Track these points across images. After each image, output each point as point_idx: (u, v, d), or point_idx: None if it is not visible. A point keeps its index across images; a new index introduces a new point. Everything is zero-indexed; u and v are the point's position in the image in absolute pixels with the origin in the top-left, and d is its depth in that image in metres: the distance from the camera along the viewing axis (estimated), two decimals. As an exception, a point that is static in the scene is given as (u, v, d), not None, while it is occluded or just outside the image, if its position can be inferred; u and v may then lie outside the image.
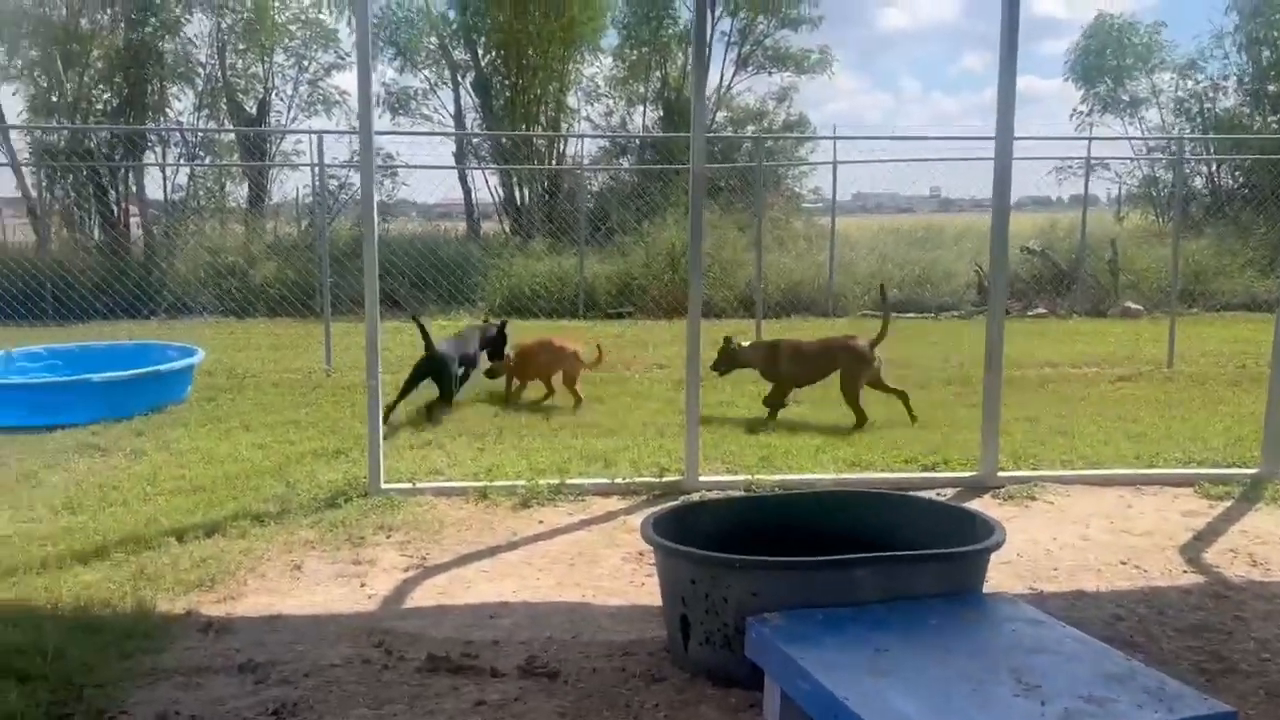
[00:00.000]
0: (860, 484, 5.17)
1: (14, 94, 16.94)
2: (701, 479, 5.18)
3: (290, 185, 18.98)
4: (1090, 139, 18.74)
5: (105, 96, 16.35)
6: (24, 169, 15.64)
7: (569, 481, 5.22)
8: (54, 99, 16.30)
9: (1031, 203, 20.56)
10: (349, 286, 12.17)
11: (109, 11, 16.35)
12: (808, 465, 5.64)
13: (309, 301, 12.26)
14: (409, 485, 5.18)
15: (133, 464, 5.65)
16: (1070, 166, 18.32)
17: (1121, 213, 18.93)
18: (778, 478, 5.29)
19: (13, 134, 16.02)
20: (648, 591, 3.79)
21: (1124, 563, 4.15)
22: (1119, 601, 3.72)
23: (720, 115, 20.21)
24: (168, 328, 12.45)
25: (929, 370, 8.80)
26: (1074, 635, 2.69)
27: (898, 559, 3.05)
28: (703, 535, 3.30)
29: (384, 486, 5.09)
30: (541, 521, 4.74)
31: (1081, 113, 20.66)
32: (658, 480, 5.25)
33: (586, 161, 19.40)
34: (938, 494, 5.05)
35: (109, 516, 4.64)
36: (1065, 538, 4.45)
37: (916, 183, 18.45)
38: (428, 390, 6.92)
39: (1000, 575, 3.87)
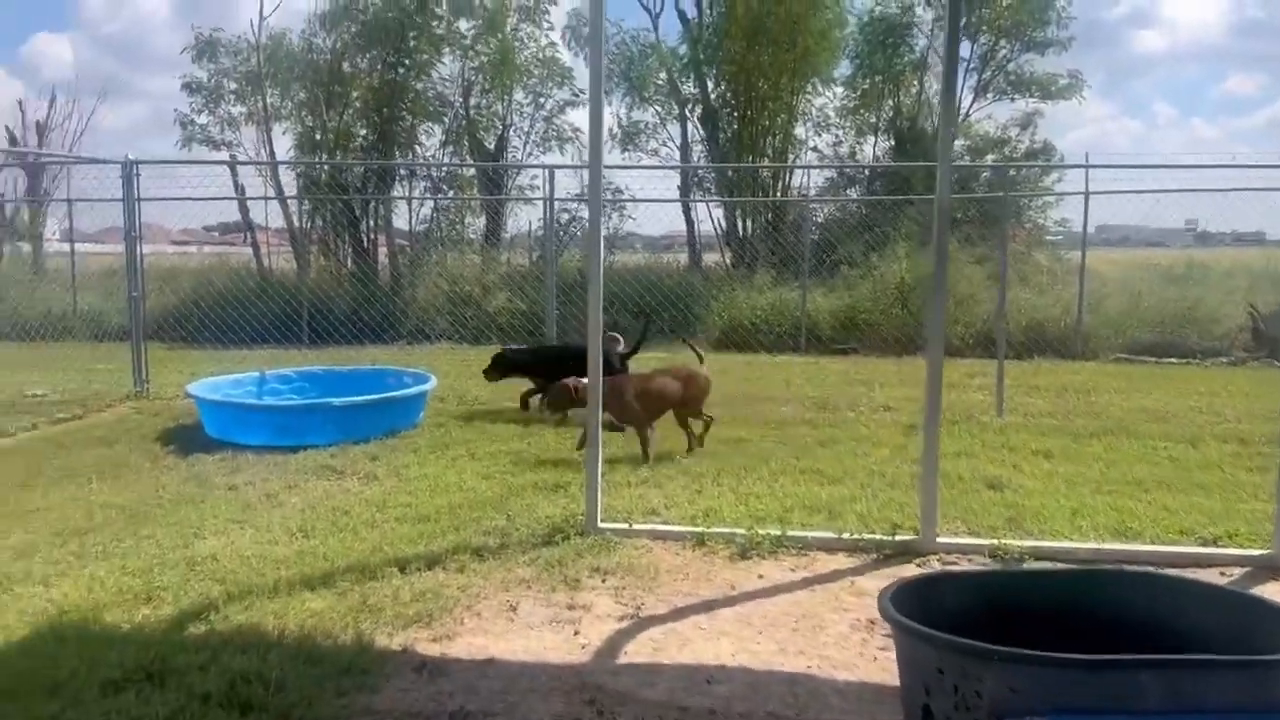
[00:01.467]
0: (1125, 556, 4.54)
1: (284, 133, 18.66)
2: (940, 540, 4.71)
3: (524, 219, 19.65)
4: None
5: (362, 133, 17.59)
6: (289, 201, 17.09)
7: (791, 533, 4.89)
8: (318, 137, 17.75)
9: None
10: (575, 316, 12.40)
11: (369, 55, 17.64)
12: (1063, 530, 5.03)
13: (538, 330, 12.57)
14: (625, 525, 5.03)
15: (365, 488, 5.83)
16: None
17: None
18: (1028, 544, 4.73)
19: (281, 169, 17.55)
20: (881, 667, 3.41)
21: None
22: None
23: (957, 143, 19.26)
24: (407, 353, 13.14)
25: (1198, 424, 7.82)
26: None
27: (1193, 664, 2.53)
28: (947, 613, 2.89)
29: (601, 525, 4.96)
30: (761, 576, 4.44)
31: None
32: (889, 539, 4.82)
33: (813, 192, 18.99)
34: (1221, 574, 4.36)
35: (338, 542, 4.76)
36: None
37: (1170, 215, 16.79)
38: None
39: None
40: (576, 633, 3.76)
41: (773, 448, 6.97)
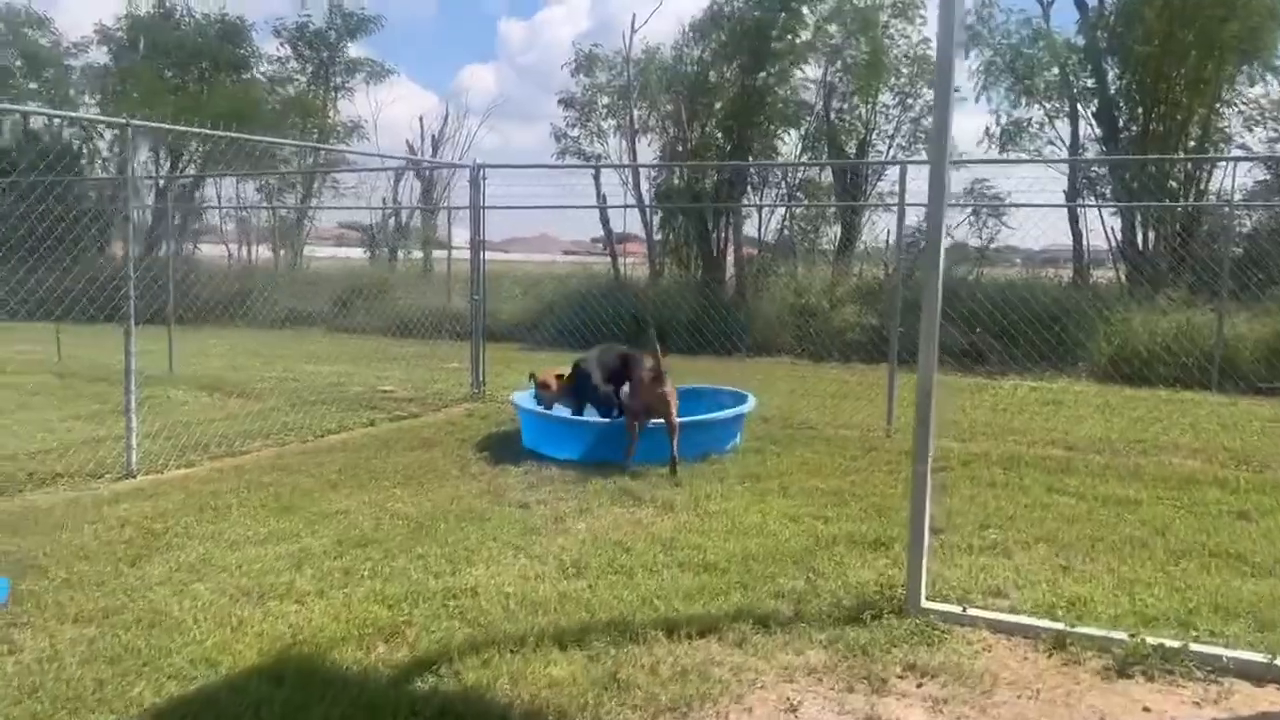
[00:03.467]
0: None
1: (649, 145, 18.96)
2: None
3: (881, 227, 18.44)
4: None
5: (719, 142, 17.34)
6: (647, 210, 17.27)
7: (1196, 646, 3.53)
8: (679, 148, 17.77)
9: None
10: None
11: (733, 64, 17.37)
12: None
13: (884, 348, 11.42)
14: (958, 609, 3.92)
15: (657, 519, 5.18)
16: None
17: None
18: None
19: (641, 179, 17.80)
20: None
21: None
22: None
23: None
24: (743, 366, 12.54)
25: None
26: None
27: None
28: None
29: (925, 605, 3.90)
30: (1147, 710, 3.17)
31: None
32: (1358, 679, 3.30)
33: (1237, 198, 15.88)
34: None
35: (608, 587, 4.11)
36: None
37: None
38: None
39: None
40: (868, 765, 2.78)
41: (1172, 516, 5.39)
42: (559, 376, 7.17)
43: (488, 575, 4.25)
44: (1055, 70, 17.42)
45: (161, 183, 21.68)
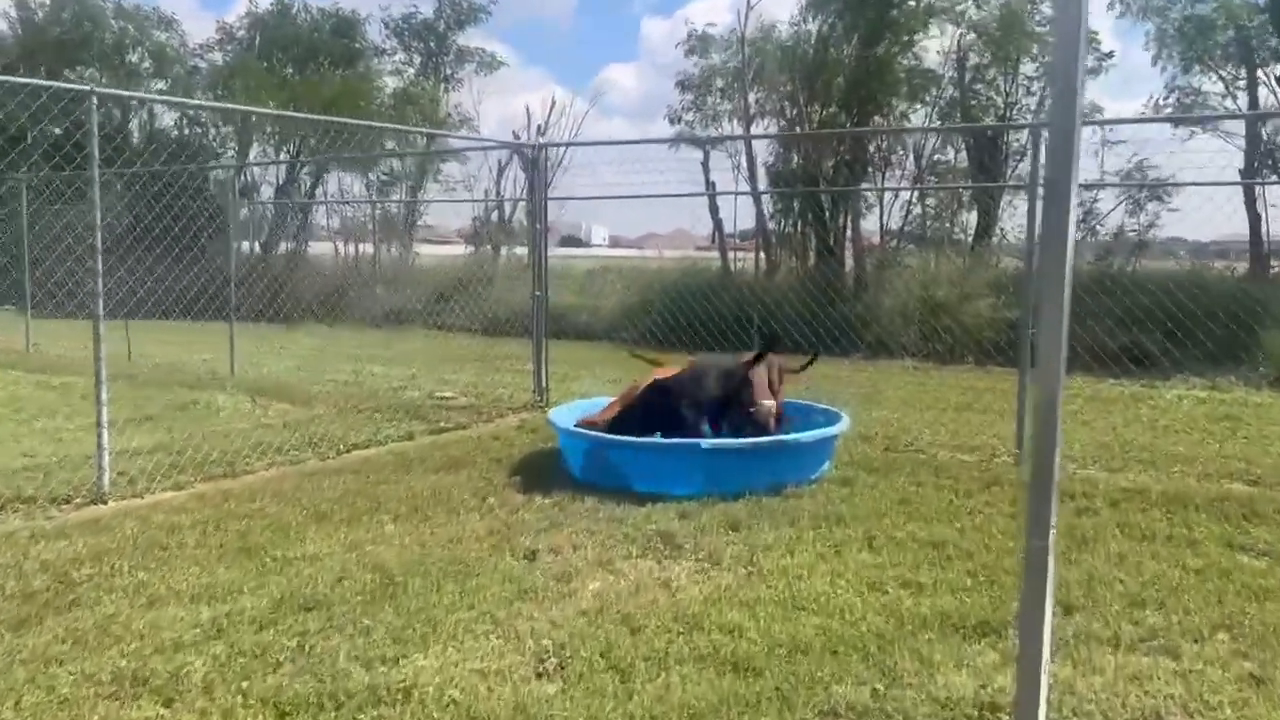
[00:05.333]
0: None
1: (765, 128, 17.62)
2: None
3: (1024, 212, 16.55)
4: None
5: (840, 119, 15.86)
6: (762, 197, 15.97)
7: None
8: (797, 129, 16.39)
9: None
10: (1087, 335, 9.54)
11: (853, 39, 15.87)
12: None
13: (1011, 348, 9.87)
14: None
15: (693, 583, 3.99)
16: None
17: None
18: None
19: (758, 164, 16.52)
20: None
21: None
22: None
23: None
24: (858, 370, 11.15)
25: None
26: None
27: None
28: None
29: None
30: None
31: None
32: None
33: None
34: None
35: (587, 694, 2.97)
36: None
37: None
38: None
39: None
40: None
41: None
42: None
43: (437, 666, 3.18)
44: (1231, 32, 15.18)
45: (278, 180, 21.81)
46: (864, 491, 5.37)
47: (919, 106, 15.69)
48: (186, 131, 21.91)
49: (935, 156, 15.91)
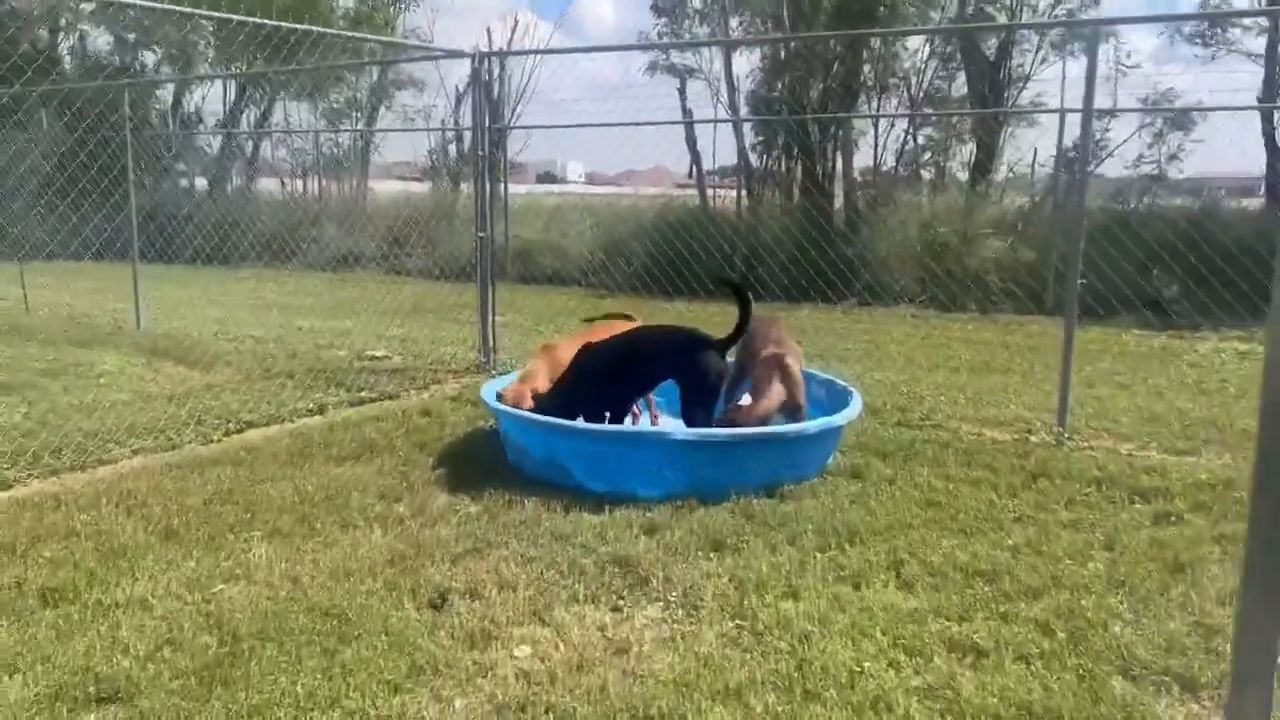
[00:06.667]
0: None
1: (744, 57, 16.21)
2: None
3: (1027, 145, 15.40)
4: None
5: (830, 45, 14.49)
6: (744, 127, 14.68)
7: None
8: (781, 57, 15.01)
9: None
10: (1101, 281, 8.40)
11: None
12: None
13: (1042, 296, 8.78)
14: None
15: (660, 647, 2.85)
16: None
17: None
18: None
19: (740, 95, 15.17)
20: None
21: None
22: None
23: None
24: (853, 320, 10.01)
25: None
26: None
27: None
28: None
29: None
30: None
31: None
32: None
33: None
34: None
35: None
36: None
37: None
38: None
39: None
40: None
41: None
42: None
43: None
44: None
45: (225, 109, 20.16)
46: (880, 489, 4.22)
47: (917, 23, 14.31)
48: (122, 59, 20.14)
49: (935, 80, 14.61)
